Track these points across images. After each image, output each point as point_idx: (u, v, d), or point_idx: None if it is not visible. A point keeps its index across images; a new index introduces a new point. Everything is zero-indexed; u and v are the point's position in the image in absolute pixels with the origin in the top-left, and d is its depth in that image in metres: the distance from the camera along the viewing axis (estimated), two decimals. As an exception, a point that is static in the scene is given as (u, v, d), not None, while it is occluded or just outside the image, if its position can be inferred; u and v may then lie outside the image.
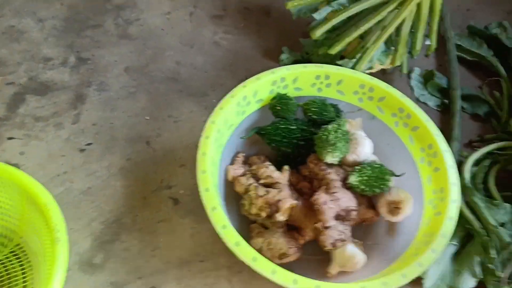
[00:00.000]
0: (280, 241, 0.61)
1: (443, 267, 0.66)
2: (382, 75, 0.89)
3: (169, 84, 0.82)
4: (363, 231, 0.69)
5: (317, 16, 0.77)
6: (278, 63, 0.87)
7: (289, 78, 0.69)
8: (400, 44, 0.79)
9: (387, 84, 0.69)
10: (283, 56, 0.86)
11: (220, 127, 0.62)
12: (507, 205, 0.70)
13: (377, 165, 0.64)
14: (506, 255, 0.66)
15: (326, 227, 0.58)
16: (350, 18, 0.80)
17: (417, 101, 0.87)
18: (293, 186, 0.68)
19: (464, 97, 0.86)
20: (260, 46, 0.90)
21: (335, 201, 0.60)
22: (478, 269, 0.65)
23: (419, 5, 0.74)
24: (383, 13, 0.75)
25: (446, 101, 0.86)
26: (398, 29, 0.78)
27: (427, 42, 0.83)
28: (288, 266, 0.61)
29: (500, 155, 0.76)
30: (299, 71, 0.69)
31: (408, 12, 0.74)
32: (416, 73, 0.90)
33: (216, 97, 0.81)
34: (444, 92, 0.87)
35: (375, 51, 0.77)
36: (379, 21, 0.76)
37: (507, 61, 0.91)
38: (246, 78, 0.81)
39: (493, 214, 0.69)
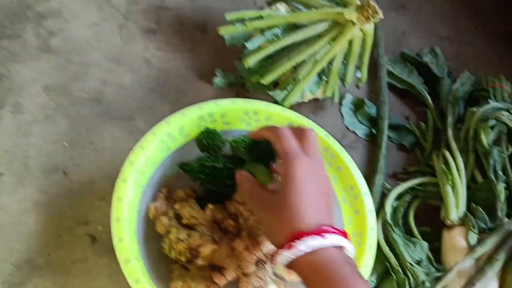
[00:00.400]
0: (200, 286, 0.59)
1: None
2: (314, 102, 0.89)
3: (92, 106, 0.77)
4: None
5: (250, 45, 0.76)
6: (212, 85, 0.85)
7: (217, 113, 0.67)
8: (331, 76, 0.79)
9: (315, 124, 0.69)
10: (217, 80, 0.84)
11: (141, 167, 0.60)
12: (424, 243, 0.73)
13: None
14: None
15: (245, 274, 0.58)
16: (283, 49, 0.79)
17: (346, 129, 0.88)
18: (218, 224, 0.66)
19: (392, 127, 0.89)
20: (193, 66, 0.87)
21: (257, 246, 0.60)
22: (393, 307, 0.68)
23: (350, 42, 0.74)
24: (316, 47, 0.75)
25: (374, 130, 0.88)
26: (330, 62, 0.78)
27: (358, 75, 0.84)
28: None
29: (420, 190, 0.79)
30: (227, 107, 0.67)
31: (339, 47, 0.74)
32: (348, 100, 0.91)
33: (143, 121, 0.78)
34: (373, 121, 0.89)
35: (305, 83, 0.77)
36: (312, 54, 0.76)
37: (436, 90, 0.94)
38: (177, 101, 0.79)
39: (410, 251, 0.72)
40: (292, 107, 0.77)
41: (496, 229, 0.72)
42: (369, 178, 0.81)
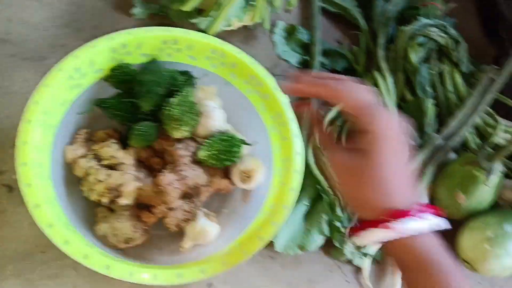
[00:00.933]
0: (125, 226, 0.58)
1: (294, 228, 0.69)
2: (245, 31, 0.85)
3: (-3, 47, 0.70)
4: (220, 200, 0.69)
5: (165, -32, 0.70)
6: (131, 17, 0.79)
7: (131, 44, 0.62)
8: (259, 0, 0.75)
9: (239, 50, 0.66)
10: (136, 10, 0.78)
11: (47, 107, 0.55)
12: (355, 163, 0.74)
13: (226, 138, 0.62)
14: (350, 211, 0.70)
15: (170, 209, 0.57)
16: (203, -29, 0.73)
17: (278, 58, 0.85)
18: (143, 162, 0.64)
19: (325, 52, 0.86)
20: (109, -4, 0.80)
21: (182, 180, 0.58)
22: (325, 227, 0.69)
23: (272, -40, 0.70)
24: (235, -33, 0.70)
25: (307, 57, 0.85)
26: (253, -16, 0.73)
27: (286, -3, 0.80)
28: (139, 246, 0.59)
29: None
30: (142, 35, 0.62)
31: (260, -33, 0.70)
32: (280, 27, 0.87)
33: (56, 61, 0.71)
34: (306, 48, 0.86)
35: (230, 8, 0.72)
36: (232, -24, 0.71)
37: (370, 13, 0.92)
38: (92, 36, 0.72)
39: (341, 173, 0.72)
40: (220, 36, 0.72)
41: (425, 145, 0.74)
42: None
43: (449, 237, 0.73)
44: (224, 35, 0.79)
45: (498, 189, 0.71)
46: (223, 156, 0.61)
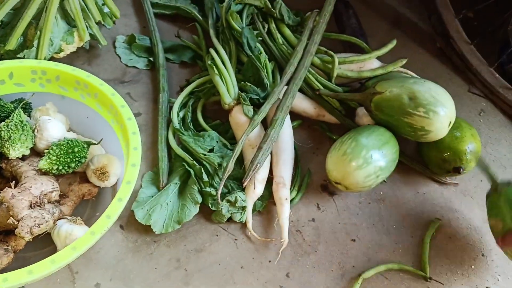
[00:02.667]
0: (-15, 253, 0.59)
1: (170, 207, 0.71)
2: (87, 53, 0.90)
3: None
4: (92, 206, 0.71)
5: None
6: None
7: (3, 73, 0.68)
8: (77, 19, 0.80)
9: (56, 63, 0.70)
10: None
11: None
12: (212, 132, 0.78)
13: (63, 142, 0.65)
14: (220, 174, 0.74)
15: (19, 220, 0.58)
16: (18, 10, 0.78)
17: (126, 67, 0.90)
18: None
19: (168, 49, 0.92)
20: None
21: (24, 191, 0.60)
22: (198, 196, 0.71)
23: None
24: (39, -3, 0.75)
25: (152, 59, 0.90)
26: (66, 5, 0.78)
27: (106, 9, 0.85)
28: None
29: (199, 91, 0.84)
30: (12, 65, 0.69)
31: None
32: (120, 40, 0.92)
33: None
34: (150, 51, 0.92)
35: (49, 34, 0.77)
36: (42, 5, 0.76)
37: (203, 6, 0.99)
38: None
39: (201, 144, 0.76)
40: (65, 62, 0.75)
41: (267, 97, 0.79)
42: (156, 99, 0.84)
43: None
44: (67, 61, 0.84)
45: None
46: (65, 159, 0.64)
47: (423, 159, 0.81)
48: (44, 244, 0.64)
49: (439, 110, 0.71)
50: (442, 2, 1.04)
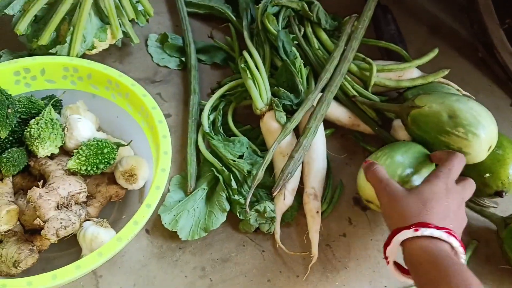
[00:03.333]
0: (10, 250, 0.58)
1: (196, 213, 0.69)
2: (119, 51, 0.88)
3: None
4: (119, 208, 0.69)
5: (10, 11, 0.73)
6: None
7: (35, 69, 0.67)
8: (110, 16, 0.79)
9: (89, 61, 0.69)
10: (3, 60, 0.81)
11: None
12: (242, 138, 0.75)
13: (93, 143, 0.63)
14: (249, 182, 0.71)
15: (45, 221, 0.57)
16: (52, 5, 0.77)
17: (158, 66, 0.88)
18: (24, 190, 0.65)
19: (200, 50, 0.90)
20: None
21: (52, 192, 0.59)
22: (226, 204, 0.69)
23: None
24: (76, -9, 0.74)
25: (184, 59, 0.88)
26: (100, 1, 0.77)
27: (141, 7, 0.84)
28: (39, 271, 0.59)
29: (230, 94, 0.82)
30: (45, 61, 0.68)
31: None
32: (152, 39, 0.91)
33: None
34: (182, 51, 0.90)
35: (82, 30, 0.76)
36: (77, 1, 0.75)
37: (236, 5, 0.97)
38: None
39: (230, 150, 0.74)
40: (96, 60, 0.74)
41: (301, 103, 0.76)
42: (187, 101, 0.82)
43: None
44: (98, 59, 0.82)
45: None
46: (94, 160, 0.62)
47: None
48: (69, 245, 0.63)
49: (480, 132, 0.66)
50: (486, 9, 0.99)
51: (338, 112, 0.80)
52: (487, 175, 0.71)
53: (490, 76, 1.00)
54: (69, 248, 0.64)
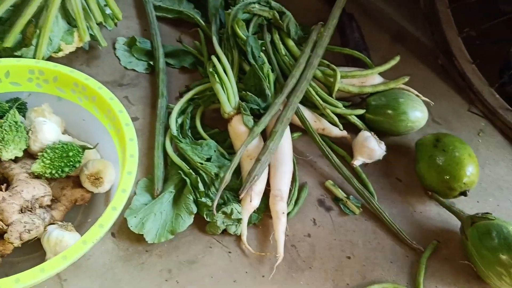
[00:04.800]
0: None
1: (164, 216, 0.70)
2: (87, 54, 0.88)
3: None
4: (84, 212, 0.69)
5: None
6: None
7: None
8: (77, 19, 0.78)
9: (55, 64, 0.69)
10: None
11: None
12: (210, 141, 0.76)
13: (58, 145, 0.63)
14: (216, 185, 0.72)
15: (9, 225, 0.56)
16: (17, 7, 0.76)
17: (125, 69, 0.88)
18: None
19: (169, 54, 0.91)
20: None
21: (16, 195, 0.58)
22: (193, 206, 0.70)
23: (73, -22, 0.74)
24: (42, -6, 0.73)
25: (152, 62, 0.89)
26: (67, 4, 0.77)
27: (109, 11, 0.84)
28: (2, 276, 0.58)
29: (199, 98, 0.83)
30: (10, 64, 0.67)
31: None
32: (120, 42, 0.91)
33: None
34: (151, 55, 0.90)
35: (49, 33, 0.75)
36: (43, 3, 0.74)
37: (206, 12, 0.98)
38: None
39: (198, 153, 0.75)
40: (62, 62, 0.74)
41: (268, 108, 0.78)
42: (154, 104, 0.83)
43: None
44: (65, 61, 0.82)
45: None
46: (59, 163, 0.62)
47: (423, 182, 0.81)
48: (33, 250, 0.62)
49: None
50: (446, 19, 1.04)
51: (305, 116, 0.83)
52: (447, 177, 0.75)
53: (450, 83, 1.04)
54: (33, 252, 0.63)
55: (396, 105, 0.83)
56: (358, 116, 0.85)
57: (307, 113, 0.83)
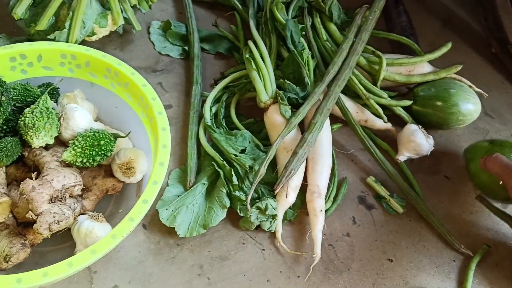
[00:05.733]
0: (1, 244, 0.56)
1: (196, 209, 0.67)
2: (121, 38, 0.85)
3: None
4: (115, 202, 0.67)
5: (7, -7, 0.70)
6: None
7: (31, 55, 0.64)
8: (112, 2, 0.76)
9: (87, 48, 0.66)
10: (0, 44, 0.78)
11: None
12: (245, 132, 0.73)
13: (89, 133, 0.61)
14: (251, 178, 0.69)
15: (38, 215, 0.55)
16: (49, -13, 0.74)
17: (160, 54, 0.85)
18: (18, 181, 0.63)
19: (205, 39, 0.87)
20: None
21: (45, 184, 0.57)
22: (226, 200, 0.67)
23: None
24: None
25: (186, 48, 0.86)
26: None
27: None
28: (32, 265, 0.57)
29: (234, 86, 0.79)
30: (42, 48, 0.65)
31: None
32: (155, 26, 0.88)
33: None
34: (185, 39, 0.87)
35: (82, 16, 0.73)
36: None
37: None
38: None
39: (232, 144, 0.71)
40: (96, 46, 0.71)
41: (307, 97, 0.73)
42: (188, 92, 0.80)
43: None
44: (98, 45, 0.80)
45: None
46: (90, 152, 0.60)
47: (474, 180, 0.74)
48: (63, 240, 0.61)
49: None
50: (501, 3, 0.95)
51: (346, 106, 0.77)
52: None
53: (504, 72, 0.96)
54: (63, 242, 0.62)
55: (446, 96, 0.76)
56: (405, 108, 0.79)
57: (348, 103, 0.77)
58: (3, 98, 0.58)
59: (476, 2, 1.00)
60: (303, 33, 0.80)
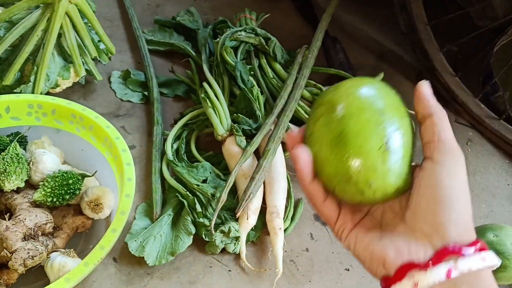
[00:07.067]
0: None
1: (163, 238, 0.71)
2: (83, 88, 0.92)
3: None
4: (86, 238, 0.71)
5: (-26, 53, 0.76)
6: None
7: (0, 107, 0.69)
8: (73, 55, 0.82)
9: (53, 97, 0.72)
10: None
11: None
12: (205, 163, 0.79)
13: (58, 174, 0.65)
14: (213, 205, 0.74)
15: (13, 252, 0.58)
16: (15, 47, 0.80)
17: (121, 101, 0.92)
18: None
19: (162, 84, 0.94)
20: None
21: (19, 223, 0.60)
22: (191, 227, 0.72)
23: (68, 17, 0.78)
24: (39, 33, 0.77)
25: (146, 93, 0.92)
26: (63, 42, 0.81)
27: (103, 46, 0.88)
28: None
29: (193, 123, 0.86)
30: (10, 99, 0.70)
31: (58, 24, 0.78)
32: (115, 76, 0.95)
33: None
34: (145, 86, 0.94)
35: (46, 69, 0.79)
36: (39, 41, 0.78)
37: (196, 42, 1.02)
38: None
39: (194, 175, 0.77)
40: (60, 97, 0.77)
41: (259, 128, 0.81)
42: (150, 132, 0.86)
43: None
44: (62, 96, 0.85)
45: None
46: (59, 191, 0.64)
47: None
48: (37, 278, 0.64)
49: None
50: (426, 36, 1.08)
51: (295, 135, 0.85)
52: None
53: (435, 96, 1.08)
54: (37, 280, 0.64)
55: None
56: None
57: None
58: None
59: (404, 36, 1.13)
60: (252, 72, 0.89)
